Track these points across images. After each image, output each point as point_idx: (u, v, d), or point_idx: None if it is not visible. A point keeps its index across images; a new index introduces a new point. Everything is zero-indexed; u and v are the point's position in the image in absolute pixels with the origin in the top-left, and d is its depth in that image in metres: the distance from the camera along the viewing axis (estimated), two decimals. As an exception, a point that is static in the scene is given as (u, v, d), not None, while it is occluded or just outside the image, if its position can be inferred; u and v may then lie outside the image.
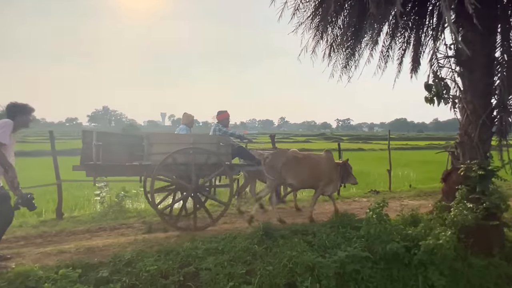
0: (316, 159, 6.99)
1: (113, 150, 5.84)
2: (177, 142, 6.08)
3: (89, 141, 5.74)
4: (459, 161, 6.33)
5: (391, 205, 8.61)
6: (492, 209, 5.65)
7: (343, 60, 7.45)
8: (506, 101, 5.59)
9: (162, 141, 6.04)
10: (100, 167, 5.72)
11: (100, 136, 5.74)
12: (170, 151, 5.90)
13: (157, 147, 5.99)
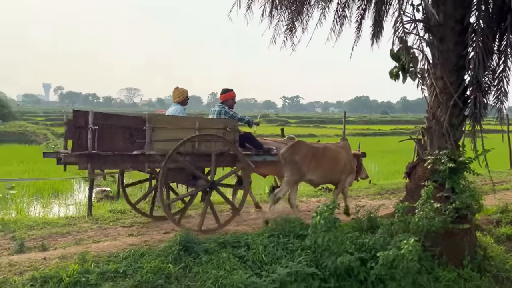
0: (336, 150, 7.70)
1: (112, 135, 6.04)
2: (183, 126, 6.49)
3: (83, 124, 5.84)
4: (426, 152, 6.67)
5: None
6: (463, 210, 6.05)
7: (287, 20, 7.45)
8: (481, 78, 5.93)
9: (166, 125, 6.36)
10: (97, 158, 5.87)
11: (97, 117, 5.87)
12: (175, 137, 6.27)
13: (160, 132, 6.28)
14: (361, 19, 8.20)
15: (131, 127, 6.28)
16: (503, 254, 6.72)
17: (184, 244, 5.29)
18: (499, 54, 6.29)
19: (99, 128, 5.86)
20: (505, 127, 18.05)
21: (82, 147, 5.88)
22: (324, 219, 5.21)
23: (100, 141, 5.87)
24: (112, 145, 6.06)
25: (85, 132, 5.87)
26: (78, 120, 5.92)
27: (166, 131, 6.34)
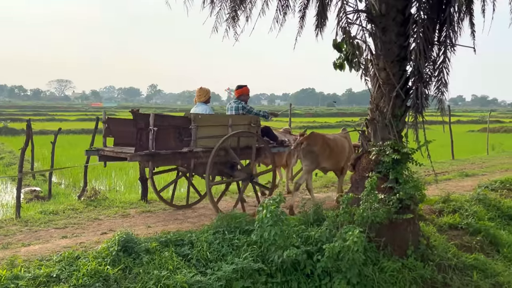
0: (342, 140, 8.70)
1: (166, 135, 6.74)
2: (220, 124, 7.48)
3: (143, 125, 6.53)
4: (370, 143, 6.93)
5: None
6: (406, 201, 6.35)
7: (229, 9, 7.46)
8: (422, 69, 6.21)
9: (207, 123, 7.24)
10: (157, 156, 6.69)
11: (156, 119, 6.59)
12: (214, 134, 7.23)
13: (202, 130, 7.12)
14: (305, 9, 8.34)
15: (180, 127, 7.01)
16: (445, 243, 7.12)
17: (124, 244, 5.21)
18: (440, 45, 6.59)
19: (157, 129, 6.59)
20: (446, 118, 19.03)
21: (143, 147, 6.56)
22: (270, 213, 5.31)
23: (157, 140, 6.60)
24: (166, 144, 6.79)
25: (145, 133, 6.56)
26: (139, 122, 6.61)
27: (207, 128, 7.22)
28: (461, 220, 8.07)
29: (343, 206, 5.89)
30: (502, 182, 11.11)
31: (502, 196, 10.08)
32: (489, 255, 7.39)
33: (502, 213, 9.20)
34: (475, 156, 18.79)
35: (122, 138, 7.60)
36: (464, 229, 7.90)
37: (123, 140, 7.55)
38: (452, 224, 7.99)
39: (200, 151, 7.11)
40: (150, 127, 6.51)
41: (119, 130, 7.70)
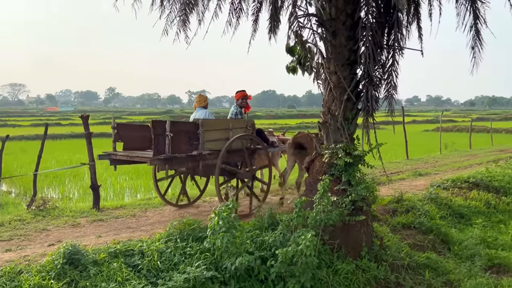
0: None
1: (179, 139, 7.27)
2: (223, 128, 8.03)
3: (160, 131, 7.04)
4: (323, 146, 6.95)
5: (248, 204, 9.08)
6: (359, 202, 6.39)
7: (180, 11, 7.34)
8: (372, 72, 6.26)
9: (212, 128, 7.83)
10: (174, 160, 7.22)
11: (172, 125, 7.11)
12: (219, 137, 7.88)
13: (208, 134, 7.68)
14: (258, 12, 8.32)
15: (190, 132, 7.53)
16: (398, 242, 7.22)
17: (69, 256, 5.01)
18: (388, 49, 6.67)
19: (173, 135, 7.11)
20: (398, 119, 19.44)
21: (160, 151, 7.06)
22: (223, 220, 5.23)
23: (172, 145, 7.09)
24: (179, 148, 7.30)
25: (162, 139, 7.05)
26: (156, 129, 7.06)
27: (212, 132, 7.79)
28: (414, 220, 8.21)
29: (296, 210, 5.86)
30: (453, 180, 11.43)
31: (453, 195, 10.36)
32: (440, 253, 7.54)
33: (453, 212, 9.44)
34: (428, 156, 19.29)
35: (131, 143, 8.21)
36: (417, 228, 8.04)
37: (132, 145, 8.20)
38: (405, 223, 8.12)
39: (207, 153, 7.67)
40: (167, 133, 7.04)
41: (128, 135, 8.26)
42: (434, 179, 11.83)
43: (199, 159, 7.59)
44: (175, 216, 8.13)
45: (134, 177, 13.59)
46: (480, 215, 9.63)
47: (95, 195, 8.55)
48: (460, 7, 7.34)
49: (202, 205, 9.16)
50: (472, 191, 10.69)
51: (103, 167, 15.54)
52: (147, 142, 8.23)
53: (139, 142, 8.28)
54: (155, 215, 8.24)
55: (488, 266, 7.24)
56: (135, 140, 8.24)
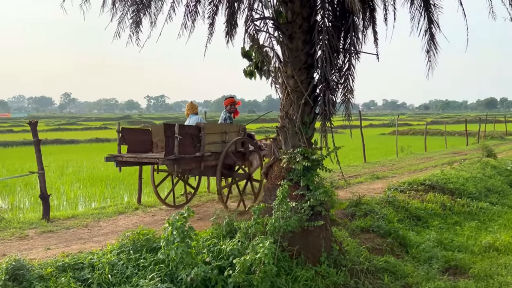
0: None
1: (185, 142, 7.85)
2: (220, 132, 8.71)
3: (170, 134, 7.61)
4: (281, 150, 6.85)
5: (207, 211, 8.90)
6: (318, 207, 6.31)
7: (133, 13, 7.09)
8: (329, 76, 6.21)
9: (211, 131, 8.48)
10: (182, 160, 7.81)
11: (180, 128, 7.71)
12: (216, 141, 8.55)
13: (208, 137, 8.32)
14: (214, 15, 8.15)
15: (193, 135, 8.12)
16: (357, 247, 7.20)
17: (13, 272, 4.67)
18: (345, 53, 6.66)
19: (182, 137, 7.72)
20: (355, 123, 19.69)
21: (169, 152, 7.60)
22: (177, 230, 5.02)
23: (180, 147, 7.66)
24: (185, 149, 7.87)
25: (171, 140, 7.60)
26: (167, 131, 7.63)
27: (211, 136, 8.43)
28: (372, 223, 8.23)
29: (254, 217, 5.73)
30: (410, 183, 11.60)
31: (410, 198, 10.50)
32: (399, 256, 7.57)
33: (410, 214, 9.55)
34: (385, 159, 19.62)
35: (135, 146, 8.84)
36: (375, 232, 8.06)
37: (136, 148, 8.84)
38: (364, 227, 8.13)
39: (208, 155, 8.30)
40: (176, 135, 7.57)
41: (133, 139, 8.88)
42: (391, 182, 11.97)
43: (201, 160, 8.22)
44: (129, 226, 7.85)
45: (89, 185, 13.14)
46: (436, 217, 9.79)
47: (45, 205, 8.14)
48: (415, 11, 7.42)
49: (157, 213, 8.90)
50: (428, 194, 10.87)
51: (56, 175, 14.99)
52: (148, 145, 9.22)
53: (141, 145, 9.03)
54: (108, 225, 7.91)
55: (445, 268, 7.32)
56: (137, 143, 8.93)
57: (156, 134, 9.32)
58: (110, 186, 13.04)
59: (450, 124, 52.81)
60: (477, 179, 13.19)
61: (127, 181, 13.89)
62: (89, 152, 24.25)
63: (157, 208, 9.40)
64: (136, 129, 9.88)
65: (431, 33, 7.43)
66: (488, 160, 16.39)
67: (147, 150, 9.09)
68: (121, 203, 9.94)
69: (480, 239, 8.61)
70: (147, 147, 9.16)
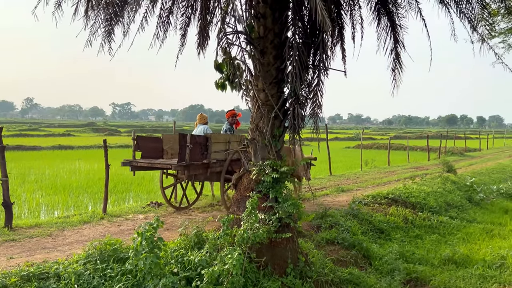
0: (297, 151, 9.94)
1: (195, 150, 8.66)
2: (224, 141, 9.53)
3: (183, 143, 8.47)
4: (251, 162, 6.95)
5: (176, 221, 8.88)
6: (286, 219, 6.41)
7: (105, 22, 7.08)
8: (298, 91, 6.35)
9: (217, 141, 9.28)
10: (192, 167, 8.70)
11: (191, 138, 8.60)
12: (220, 149, 9.35)
13: (214, 146, 9.11)
14: (186, 27, 8.23)
15: (202, 143, 8.91)
16: (322, 258, 7.34)
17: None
18: (314, 69, 6.83)
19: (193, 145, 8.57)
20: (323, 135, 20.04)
21: (182, 159, 8.45)
22: (146, 240, 5.02)
23: (191, 154, 8.51)
24: (195, 157, 8.72)
25: (184, 149, 8.46)
26: (181, 141, 8.48)
27: (216, 145, 9.22)
28: (337, 235, 8.40)
29: (223, 228, 5.78)
30: (373, 196, 11.87)
31: (373, 211, 10.75)
32: (362, 268, 7.75)
33: (373, 227, 9.78)
34: (350, 172, 19.97)
35: (149, 152, 9.67)
36: (340, 244, 8.24)
37: (149, 154, 9.68)
38: (329, 239, 8.29)
39: (213, 162, 9.13)
40: (187, 144, 8.43)
41: (146, 146, 9.68)
42: (356, 195, 12.21)
43: (207, 166, 9.07)
44: (95, 235, 7.75)
45: (51, 193, 12.87)
46: (398, 230, 10.06)
47: (8, 213, 7.95)
48: (381, 31, 7.69)
49: (124, 224, 8.80)
50: (391, 207, 11.16)
51: (17, 183, 14.62)
52: (159, 152, 10.03)
53: (153, 152, 9.85)
54: (73, 235, 7.79)
55: (406, 280, 7.54)
56: (150, 150, 9.74)
57: (167, 142, 10.18)
58: (74, 195, 12.80)
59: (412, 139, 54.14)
60: (438, 194, 13.62)
61: (91, 189, 13.69)
62: (52, 159, 23.74)
63: (123, 218, 9.30)
64: (149, 137, 10.67)
65: (396, 52, 7.72)
66: (449, 175, 16.93)
67: (158, 156, 9.93)
68: (86, 212, 9.78)
69: (440, 252, 8.91)
70: (158, 153, 10.00)
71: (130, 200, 12.51)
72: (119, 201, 12.15)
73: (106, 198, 9.71)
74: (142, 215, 9.65)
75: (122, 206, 10.76)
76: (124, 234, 7.86)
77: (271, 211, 6.51)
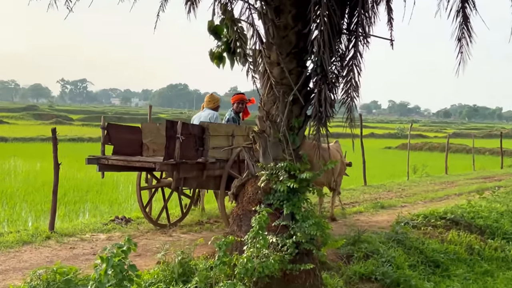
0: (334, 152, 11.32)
1: (187, 144, 8.41)
2: (225, 134, 9.45)
3: (172, 133, 8.18)
4: (258, 164, 6.95)
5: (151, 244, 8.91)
6: (305, 244, 6.42)
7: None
8: (327, 66, 6.33)
9: (216, 133, 9.14)
10: (182, 166, 8.49)
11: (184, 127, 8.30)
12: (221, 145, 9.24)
13: (213, 140, 8.96)
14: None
15: (196, 136, 8.70)
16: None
17: None
18: (349, 35, 6.82)
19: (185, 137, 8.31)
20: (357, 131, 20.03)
21: (170, 155, 8.21)
22: (114, 268, 5.03)
23: (182, 149, 8.25)
24: (188, 153, 8.48)
25: (172, 142, 8.17)
26: (168, 131, 8.18)
27: (216, 139, 9.10)
28: (376, 269, 8.40)
29: (219, 254, 5.80)
30: (425, 216, 11.87)
31: (426, 236, 10.74)
32: (410, 315, 7.75)
33: (426, 259, 9.76)
34: (392, 182, 20.01)
35: (123, 147, 9.61)
36: (379, 281, 8.24)
37: (124, 149, 9.60)
38: (364, 274, 8.29)
39: (212, 162, 9.03)
40: (178, 135, 8.14)
41: (120, 138, 9.63)
42: (401, 214, 12.19)
43: (203, 168, 9.01)
44: (39, 261, 7.79)
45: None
46: (460, 263, 10.04)
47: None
48: (443, -16, 7.64)
49: (78, 245, 8.85)
50: (451, 231, 11.14)
51: None
52: (138, 147, 10.00)
53: (130, 146, 9.79)
54: (8, 259, 7.85)
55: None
56: (125, 144, 9.69)
57: (148, 133, 10.21)
58: (7, 205, 12.86)
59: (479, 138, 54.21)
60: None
61: (31, 198, 13.75)
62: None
63: (77, 238, 9.36)
64: (124, 126, 10.60)
65: (464, 14, 7.66)
66: (531, 190, 16.92)
67: (135, 153, 9.85)
68: (25, 229, 9.83)
69: (519, 295, 8.90)
70: (136, 149, 9.94)
71: (86, 214, 12.56)
72: (70, 214, 12.21)
73: (55, 211, 9.74)
74: (103, 235, 9.71)
75: (75, 222, 10.79)
76: (79, 260, 7.92)
77: (286, 233, 6.53)
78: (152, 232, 10.05)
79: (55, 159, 9.71)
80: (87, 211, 12.87)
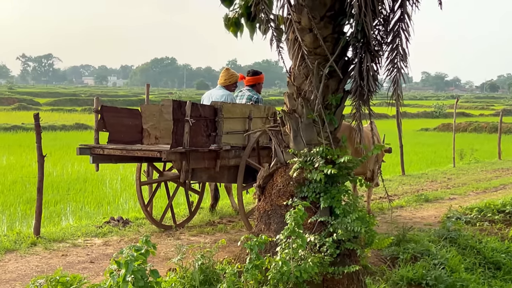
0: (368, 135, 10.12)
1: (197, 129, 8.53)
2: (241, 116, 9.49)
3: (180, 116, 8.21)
4: (288, 150, 7.07)
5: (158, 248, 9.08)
6: (347, 243, 6.56)
7: None
8: (370, 31, 6.39)
9: (231, 115, 9.21)
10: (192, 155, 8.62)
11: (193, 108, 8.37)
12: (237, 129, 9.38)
13: (227, 123, 9.05)
14: None
15: (208, 118, 8.79)
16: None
17: None
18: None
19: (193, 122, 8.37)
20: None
21: (178, 142, 8.26)
22: (134, 274, 5.19)
23: (191, 135, 8.36)
24: (198, 140, 8.60)
25: (180, 126, 8.21)
26: (176, 113, 8.17)
27: (230, 122, 9.17)
28: (426, 273, 8.53)
29: (251, 257, 5.93)
30: (480, 210, 11.98)
31: (483, 233, 10.84)
32: (470, 324, 7.90)
33: (484, 260, 9.88)
34: (436, 170, 20.03)
35: (119, 134, 9.70)
36: (431, 286, 8.37)
37: (120, 136, 9.69)
38: (413, 278, 8.41)
39: (227, 149, 9.13)
40: (187, 118, 8.21)
41: (117, 123, 9.71)
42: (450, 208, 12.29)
43: (215, 157, 9.07)
44: (27, 271, 7.95)
45: None
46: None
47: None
48: None
49: (71, 252, 9.00)
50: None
51: None
52: (137, 133, 10.06)
53: (128, 132, 9.92)
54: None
55: None
56: (123, 130, 9.80)
57: (149, 117, 10.21)
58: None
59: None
60: None
61: (2, 200, 13.84)
62: None
63: (69, 243, 9.51)
64: (121, 109, 10.78)
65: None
66: None
67: (135, 140, 9.91)
68: (5, 234, 9.98)
69: None
70: (135, 135, 10.01)
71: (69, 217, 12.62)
72: (52, 217, 12.31)
73: (40, 212, 9.86)
74: (98, 239, 9.84)
75: (63, 226, 10.94)
76: (75, 269, 8.02)
77: (324, 230, 6.65)
78: (156, 235, 10.20)
79: (39, 150, 9.77)
80: (70, 213, 12.93)
